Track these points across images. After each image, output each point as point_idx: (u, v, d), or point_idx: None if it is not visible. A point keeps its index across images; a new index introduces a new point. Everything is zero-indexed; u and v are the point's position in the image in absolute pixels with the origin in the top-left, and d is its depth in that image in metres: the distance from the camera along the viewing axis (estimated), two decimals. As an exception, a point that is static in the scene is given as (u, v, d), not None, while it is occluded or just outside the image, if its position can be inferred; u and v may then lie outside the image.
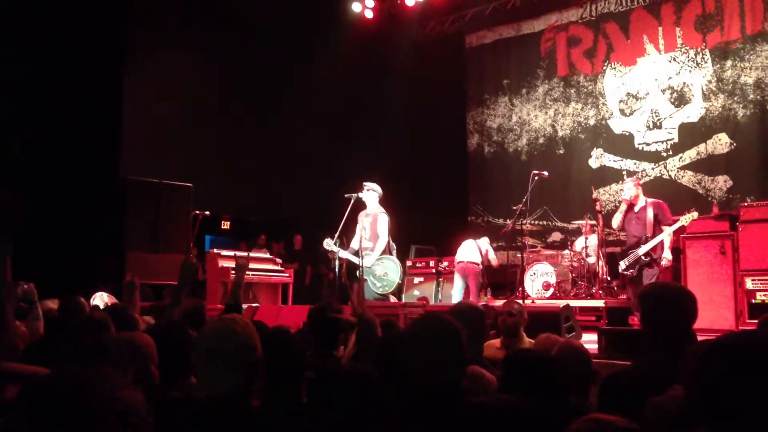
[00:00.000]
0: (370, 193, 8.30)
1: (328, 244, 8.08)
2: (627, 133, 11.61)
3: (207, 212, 9.14)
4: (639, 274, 7.44)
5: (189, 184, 10.20)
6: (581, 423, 1.64)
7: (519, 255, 9.50)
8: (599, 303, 8.67)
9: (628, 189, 7.67)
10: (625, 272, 7.65)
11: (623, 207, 7.70)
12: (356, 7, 12.42)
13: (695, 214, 7.46)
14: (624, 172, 11.48)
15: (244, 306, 8.23)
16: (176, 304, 3.94)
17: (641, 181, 8.07)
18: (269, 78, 11.56)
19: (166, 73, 10.72)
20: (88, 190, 9.84)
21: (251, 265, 9.30)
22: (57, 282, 7.07)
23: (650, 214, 7.51)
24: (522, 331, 4.45)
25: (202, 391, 2.19)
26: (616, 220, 7.77)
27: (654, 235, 7.46)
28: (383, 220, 8.21)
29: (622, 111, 11.72)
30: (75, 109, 9.83)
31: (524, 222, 9.62)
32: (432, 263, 10.48)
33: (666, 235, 7.41)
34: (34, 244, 9.36)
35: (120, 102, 10.32)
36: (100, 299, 6.80)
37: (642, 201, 7.61)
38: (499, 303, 6.96)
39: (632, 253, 7.54)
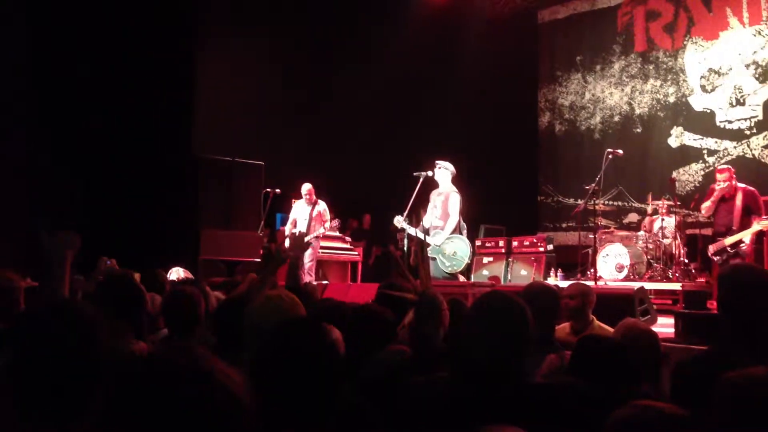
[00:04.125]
0: (443, 171, 8.23)
1: (398, 221, 8.09)
2: (708, 111, 11.15)
3: (278, 190, 9.28)
4: (725, 262, 7.32)
5: (261, 162, 10.37)
6: (630, 408, 1.59)
7: (591, 236, 9.28)
8: (676, 286, 8.39)
9: (723, 182, 7.54)
10: (713, 257, 7.58)
11: (716, 195, 7.58)
12: (427, -15, 12.30)
13: None
14: (704, 152, 11.06)
15: (315, 283, 8.36)
16: (262, 288, 3.97)
17: (725, 166, 7.89)
18: (341, 56, 11.59)
19: (237, 51, 10.89)
20: (164, 168, 10.13)
21: (321, 243, 9.44)
22: (135, 257, 7.32)
23: (739, 202, 7.40)
24: (590, 313, 4.28)
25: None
26: (707, 209, 7.70)
27: (742, 225, 7.34)
28: (455, 200, 8.14)
29: (703, 87, 11.25)
30: (149, 88, 10.10)
31: (597, 202, 9.37)
32: (501, 243, 10.36)
33: (754, 229, 7.26)
34: (112, 220, 9.71)
35: (193, 81, 10.54)
36: (176, 274, 7.01)
37: (732, 190, 7.52)
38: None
39: (719, 240, 7.53)
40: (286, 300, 2.29)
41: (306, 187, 9.13)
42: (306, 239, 8.85)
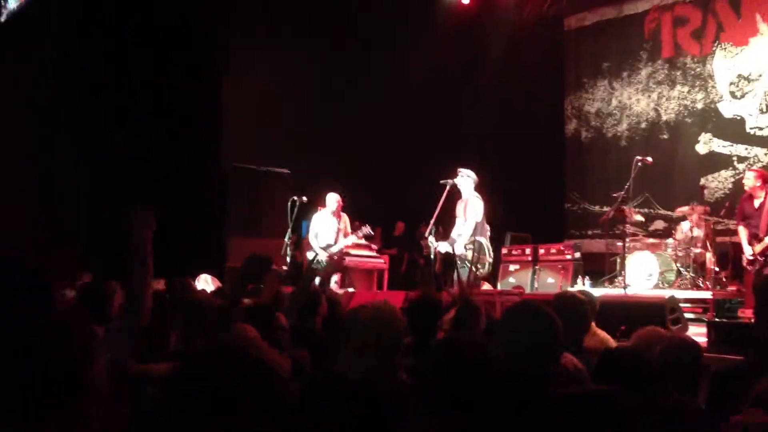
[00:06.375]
0: (465, 179, 8.22)
1: (431, 241, 8.08)
2: (738, 117, 11.01)
3: (305, 198, 9.29)
4: (760, 271, 7.20)
5: (287, 171, 10.44)
6: None
7: (618, 243, 9.20)
8: (706, 294, 8.29)
9: (747, 179, 7.49)
10: (747, 267, 7.43)
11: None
12: (453, -7, 12.30)
13: None
14: (734, 158, 10.93)
15: (341, 291, 8.37)
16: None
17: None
18: (366, 65, 11.64)
19: (266, 62, 10.97)
20: (192, 177, 10.23)
21: (347, 250, 9.45)
22: (163, 264, 7.38)
23: None
24: (590, 322, 4.20)
25: (351, 370, 2.29)
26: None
27: None
28: (473, 203, 8.09)
29: (732, 94, 11.12)
30: (178, 98, 10.22)
31: (625, 209, 9.28)
32: (528, 251, 10.30)
33: None
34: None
35: (222, 91, 10.65)
36: (205, 282, 7.06)
37: (762, 194, 7.33)
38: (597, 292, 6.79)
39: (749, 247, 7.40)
40: (386, 310, 2.43)
41: (335, 198, 9.04)
42: (334, 250, 8.83)
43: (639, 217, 9.41)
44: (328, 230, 8.94)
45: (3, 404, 1.56)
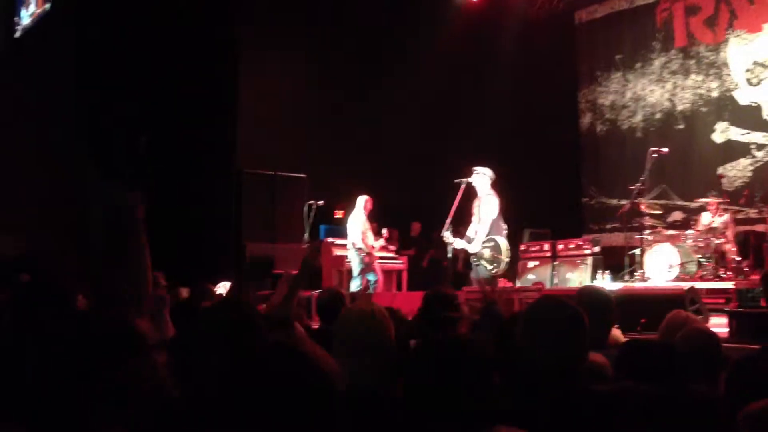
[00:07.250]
0: (480, 177, 8.13)
1: (447, 236, 8.05)
2: (755, 104, 10.90)
3: (321, 202, 9.32)
4: None
5: (303, 175, 10.48)
6: None
7: (637, 236, 9.13)
8: (728, 285, 8.21)
9: None
10: None
11: None
12: (462, -9, 12.29)
13: None
14: (752, 146, 10.81)
15: (368, 293, 8.40)
16: (293, 296, 4.05)
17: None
18: (378, 66, 11.65)
19: (279, 66, 11.02)
20: (208, 183, 10.30)
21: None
22: (182, 272, 7.46)
23: None
24: (614, 317, 4.19)
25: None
26: None
27: None
28: (486, 202, 7.97)
29: (748, 81, 11.00)
30: (192, 106, 10.30)
31: (642, 201, 9.22)
32: (547, 246, 10.27)
33: None
34: (158, 235, 9.89)
35: (235, 97, 10.71)
36: (224, 288, 7.12)
37: None
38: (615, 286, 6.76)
39: None
40: (377, 315, 2.33)
41: (365, 198, 9.18)
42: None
43: (653, 211, 9.36)
44: (369, 232, 9.09)
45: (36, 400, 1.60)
